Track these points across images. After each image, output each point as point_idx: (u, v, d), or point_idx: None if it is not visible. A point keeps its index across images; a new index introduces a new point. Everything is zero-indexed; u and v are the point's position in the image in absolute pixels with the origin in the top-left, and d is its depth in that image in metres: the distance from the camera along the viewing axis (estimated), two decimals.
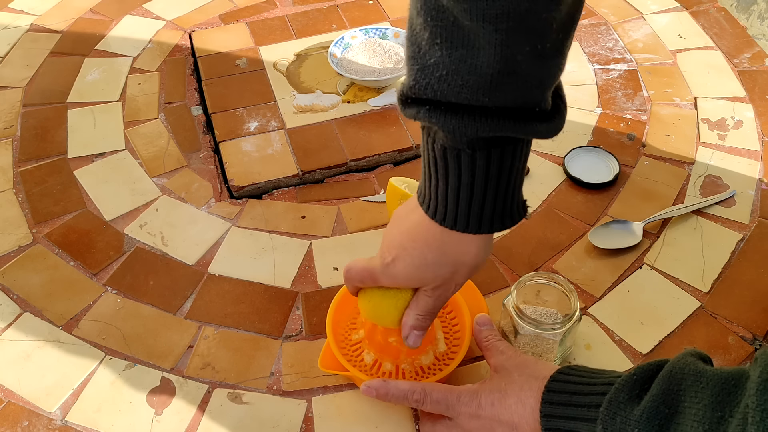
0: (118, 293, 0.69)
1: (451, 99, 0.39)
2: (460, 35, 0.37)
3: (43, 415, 0.59)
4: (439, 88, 0.39)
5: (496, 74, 0.38)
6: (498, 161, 0.42)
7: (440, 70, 0.38)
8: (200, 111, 0.91)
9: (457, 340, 0.61)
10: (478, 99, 0.39)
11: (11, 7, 1.09)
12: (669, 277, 0.69)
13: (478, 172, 0.42)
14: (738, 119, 0.86)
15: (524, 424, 0.47)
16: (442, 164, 0.43)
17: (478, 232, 0.45)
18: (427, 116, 0.40)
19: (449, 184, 0.43)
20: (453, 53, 0.37)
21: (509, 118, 0.40)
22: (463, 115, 0.39)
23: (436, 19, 0.37)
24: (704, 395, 0.38)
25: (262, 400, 0.60)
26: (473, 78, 0.38)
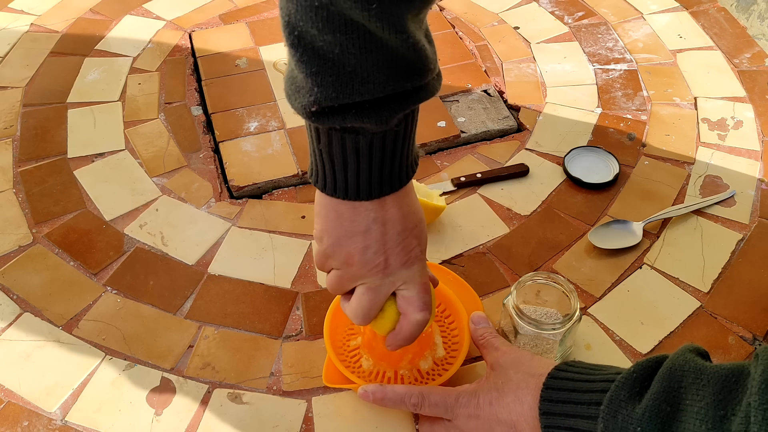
0: (118, 293, 0.69)
1: (378, 95, 0.41)
2: (373, 40, 0.39)
3: (43, 415, 0.59)
4: (364, 89, 0.41)
5: (413, 64, 0.42)
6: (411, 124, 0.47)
7: (360, 74, 0.40)
8: (200, 111, 0.91)
9: (456, 344, 0.61)
10: (401, 86, 0.42)
11: (11, 7, 1.09)
12: (669, 277, 0.69)
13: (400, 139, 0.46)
14: (738, 119, 0.86)
15: (523, 422, 0.47)
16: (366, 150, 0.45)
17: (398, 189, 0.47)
18: (358, 118, 0.42)
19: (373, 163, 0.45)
20: (368, 57, 0.40)
21: (421, 89, 0.43)
22: (390, 104, 0.42)
23: (347, 33, 0.39)
24: (706, 393, 0.38)
25: (262, 400, 0.60)
26: (394, 71, 0.41)
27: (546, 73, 0.95)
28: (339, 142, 0.44)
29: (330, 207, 0.47)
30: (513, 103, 0.91)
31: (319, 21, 0.38)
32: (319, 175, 0.47)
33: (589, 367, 0.47)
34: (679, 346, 0.43)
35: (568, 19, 1.05)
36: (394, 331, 0.51)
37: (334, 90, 0.41)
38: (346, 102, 0.41)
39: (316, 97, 0.41)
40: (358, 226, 0.47)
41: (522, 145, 0.84)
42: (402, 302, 0.50)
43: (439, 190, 0.77)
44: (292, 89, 0.43)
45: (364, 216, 0.46)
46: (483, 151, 0.84)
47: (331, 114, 0.42)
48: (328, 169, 0.46)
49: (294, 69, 0.42)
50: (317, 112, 0.42)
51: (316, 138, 0.45)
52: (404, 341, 0.51)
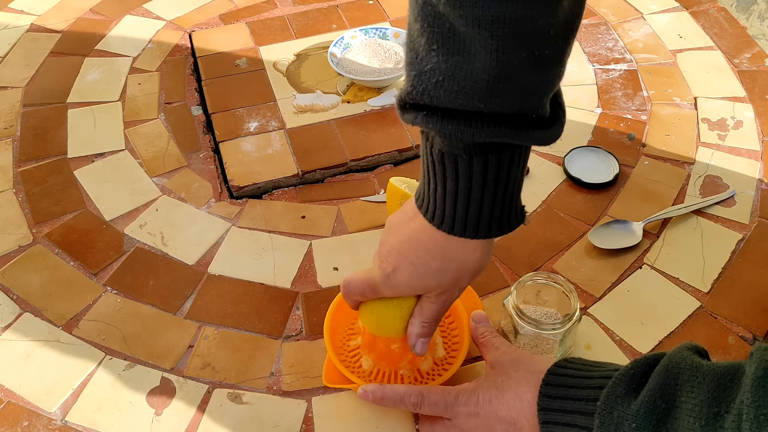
0: (118, 293, 0.69)
1: (448, 105, 0.39)
2: (456, 41, 0.37)
3: (43, 415, 0.59)
4: (435, 94, 0.39)
5: (492, 80, 0.38)
6: (495, 167, 0.42)
7: (436, 76, 0.38)
8: (200, 111, 0.91)
9: (456, 345, 0.61)
10: (474, 105, 0.39)
11: (11, 7, 1.09)
12: (669, 277, 0.69)
13: (475, 177, 0.42)
14: (738, 119, 0.86)
15: (522, 419, 0.47)
16: (440, 168, 0.43)
17: (476, 237, 0.45)
18: (425, 122, 0.40)
19: (447, 188, 0.43)
20: (449, 59, 0.38)
21: (506, 124, 0.40)
22: (460, 121, 0.40)
23: (433, 26, 0.37)
24: (700, 390, 0.38)
25: (262, 400, 0.60)
26: (469, 84, 0.38)
27: None
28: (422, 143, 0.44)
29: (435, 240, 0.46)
30: None
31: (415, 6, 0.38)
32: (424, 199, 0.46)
33: (589, 364, 0.47)
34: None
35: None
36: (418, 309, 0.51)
37: (412, 85, 0.40)
38: (417, 101, 0.40)
39: (402, 88, 0.41)
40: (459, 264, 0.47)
41: None
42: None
43: None
44: None
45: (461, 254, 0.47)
46: None
47: (409, 109, 0.41)
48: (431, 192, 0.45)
49: None
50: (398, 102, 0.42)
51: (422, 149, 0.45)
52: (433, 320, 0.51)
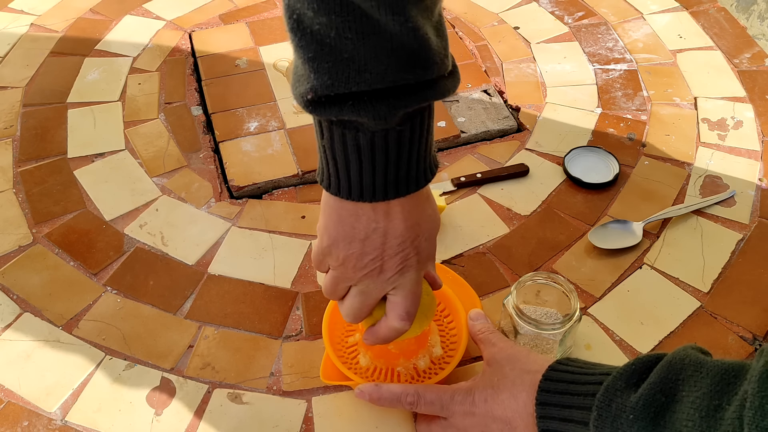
0: (118, 293, 0.69)
1: (377, 86, 0.39)
2: (371, 24, 0.37)
3: (43, 415, 0.59)
4: (360, 79, 0.39)
5: (414, 53, 0.39)
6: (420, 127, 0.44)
7: (357, 62, 0.38)
8: (200, 111, 0.91)
9: (454, 344, 0.61)
10: (402, 78, 0.40)
11: (11, 7, 1.09)
12: (669, 277, 0.69)
13: (404, 142, 0.43)
14: (738, 119, 0.86)
15: (517, 418, 0.48)
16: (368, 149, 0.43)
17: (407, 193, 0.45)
18: (353, 110, 0.40)
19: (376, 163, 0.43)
20: (367, 42, 0.38)
21: (427, 87, 0.41)
22: (389, 98, 0.40)
23: (342, 15, 0.37)
24: (703, 384, 0.38)
25: (262, 400, 0.60)
26: (394, 61, 0.39)
27: (546, 73, 0.95)
28: (340, 138, 0.43)
29: (333, 208, 0.46)
30: (513, 103, 0.91)
31: (314, 1, 0.37)
32: (324, 173, 0.45)
33: (589, 363, 0.47)
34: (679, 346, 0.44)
35: (568, 19, 1.05)
36: (373, 327, 0.51)
37: (330, 77, 0.39)
38: (342, 91, 0.39)
39: (312, 84, 0.39)
40: (358, 233, 0.46)
41: (522, 145, 0.84)
42: (388, 305, 0.50)
43: (439, 190, 0.77)
44: (295, 78, 0.41)
45: (365, 224, 0.45)
46: (483, 151, 0.84)
47: (328, 104, 0.40)
48: (332, 167, 0.44)
49: (294, 56, 0.40)
50: (314, 101, 0.40)
51: (319, 133, 0.44)
52: (378, 341, 0.51)
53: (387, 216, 0.45)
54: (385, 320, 0.50)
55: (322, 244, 0.48)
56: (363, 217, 0.45)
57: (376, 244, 0.46)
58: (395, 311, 0.49)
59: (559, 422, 0.45)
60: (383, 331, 0.50)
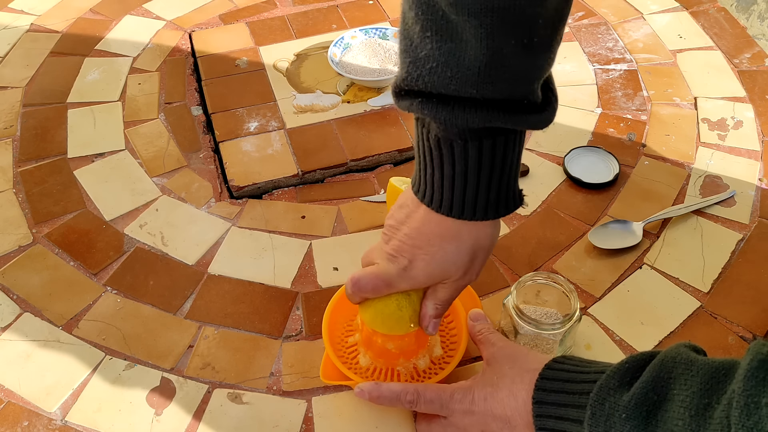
0: (118, 293, 0.69)
1: (441, 90, 0.40)
2: (449, 29, 0.38)
3: (43, 415, 0.59)
4: (429, 80, 0.40)
5: (483, 67, 0.39)
6: (490, 151, 0.43)
7: (430, 62, 0.39)
8: (200, 111, 0.91)
9: (454, 344, 0.61)
10: (467, 91, 0.40)
11: (11, 7, 1.09)
12: (669, 277, 0.69)
13: (471, 161, 0.43)
14: (738, 119, 0.86)
15: (517, 416, 0.48)
16: (437, 153, 0.44)
17: (473, 219, 0.46)
18: (420, 108, 0.41)
19: (444, 172, 0.44)
20: (442, 46, 0.39)
21: (498, 109, 0.41)
22: (454, 107, 0.41)
23: (426, 13, 0.38)
24: (693, 383, 0.39)
25: (262, 400, 0.60)
26: (461, 70, 0.39)
27: None
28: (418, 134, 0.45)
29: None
30: None
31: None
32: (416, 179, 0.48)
33: (587, 361, 0.47)
34: None
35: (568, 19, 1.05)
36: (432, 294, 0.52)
37: (407, 72, 0.41)
38: (414, 88, 0.41)
39: (397, 75, 0.42)
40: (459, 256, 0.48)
41: None
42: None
43: None
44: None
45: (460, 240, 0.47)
46: None
47: (404, 96, 0.42)
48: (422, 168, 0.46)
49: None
50: (395, 91, 0.43)
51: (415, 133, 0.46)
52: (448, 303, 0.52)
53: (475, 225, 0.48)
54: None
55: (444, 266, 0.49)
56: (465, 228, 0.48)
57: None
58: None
59: (555, 421, 0.45)
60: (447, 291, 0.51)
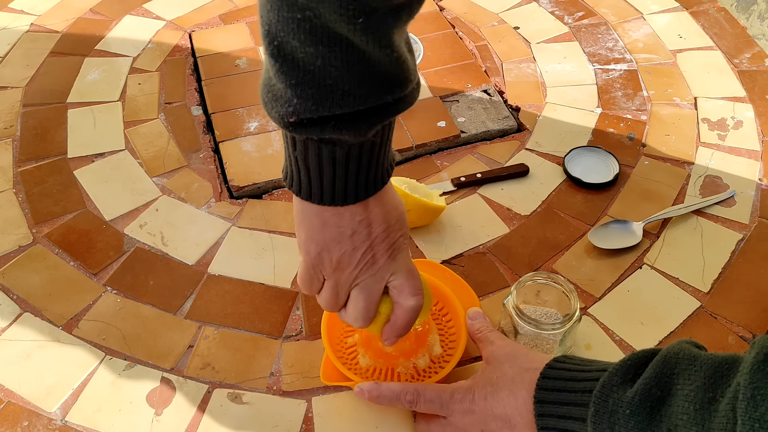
0: (118, 293, 0.69)
1: (359, 107, 0.41)
2: (356, 53, 0.39)
3: (43, 415, 0.59)
4: (344, 102, 0.40)
5: (394, 75, 0.41)
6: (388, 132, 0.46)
7: (341, 87, 0.40)
8: (200, 111, 0.91)
9: (453, 342, 0.61)
10: (383, 99, 0.42)
11: (11, 7, 1.09)
12: (669, 277, 0.69)
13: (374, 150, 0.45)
14: (738, 119, 0.86)
15: (517, 415, 0.48)
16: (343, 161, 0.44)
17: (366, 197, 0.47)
18: (334, 130, 0.42)
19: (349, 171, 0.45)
20: (351, 69, 0.39)
21: (401, 101, 0.43)
22: (369, 116, 0.42)
23: (329, 45, 0.38)
24: (697, 377, 0.39)
25: (262, 400, 0.60)
26: (376, 84, 0.41)
27: (546, 73, 0.95)
28: (315, 152, 0.44)
29: (313, 214, 0.47)
30: (513, 103, 0.91)
31: (301, 33, 0.38)
32: (294, 179, 0.46)
33: (587, 360, 0.47)
34: None
35: (568, 19, 1.05)
36: (390, 322, 0.51)
37: (314, 102, 0.40)
38: (326, 114, 0.41)
39: (295, 108, 0.41)
40: (345, 230, 0.47)
41: (522, 145, 0.84)
42: (393, 292, 0.50)
43: (439, 190, 0.77)
44: (269, 97, 0.42)
45: (349, 220, 0.46)
46: (483, 151, 0.84)
47: (310, 125, 0.41)
48: (304, 175, 0.45)
49: (272, 78, 0.41)
50: (295, 122, 0.41)
51: (291, 145, 0.45)
52: (401, 330, 0.51)
53: (366, 207, 0.47)
54: (398, 307, 0.50)
55: (310, 256, 0.48)
56: (345, 213, 0.46)
57: (363, 235, 0.47)
58: (404, 292, 0.50)
59: (557, 419, 0.45)
60: (402, 318, 0.50)
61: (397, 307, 0.51)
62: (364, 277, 0.48)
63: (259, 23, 0.40)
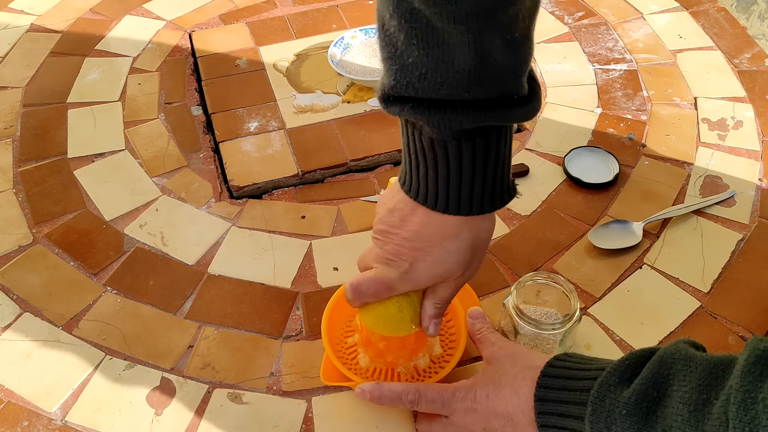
0: (118, 293, 0.69)
1: (432, 95, 0.41)
2: (435, 36, 0.38)
3: (43, 415, 0.59)
4: (420, 86, 0.40)
5: (472, 70, 0.40)
6: (483, 149, 0.44)
7: (419, 69, 0.40)
8: (200, 111, 0.91)
9: (453, 342, 0.61)
10: (458, 94, 0.41)
11: (11, 7, 1.09)
12: (669, 277, 0.69)
13: (465, 160, 0.44)
14: (738, 119, 0.86)
15: (519, 413, 0.48)
16: (431, 154, 0.44)
17: (470, 213, 0.46)
18: (412, 113, 0.42)
19: (439, 172, 0.45)
20: (430, 53, 0.39)
21: (490, 108, 0.42)
22: (446, 110, 0.41)
23: (410, 21, 0.38)
24: (692, 378, 0.39)
25: (262, 400, 0.60)
26: (451, 75, 0.40)
27: (546, 73, 0.95)
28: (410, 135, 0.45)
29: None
30: None
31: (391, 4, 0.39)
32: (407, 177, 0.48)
33: (588, 358, 0.47)
34: None
35: (568, 19, 1.05)
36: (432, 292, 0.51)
37: (395, 79, 0.41)
38: (403, 94, 0.41)
39: (383, 82, 0.42)
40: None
41: (522, 145, 0.84)
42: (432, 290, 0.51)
43: None
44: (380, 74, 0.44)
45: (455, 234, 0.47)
46: None
47: (393, 102, 0.43)
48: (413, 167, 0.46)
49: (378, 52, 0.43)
50: (383, 98, 0.43)
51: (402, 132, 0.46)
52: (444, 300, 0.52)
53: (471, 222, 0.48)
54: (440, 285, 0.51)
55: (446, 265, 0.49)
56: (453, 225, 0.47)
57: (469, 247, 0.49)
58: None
59: (557, 417, 0.45)
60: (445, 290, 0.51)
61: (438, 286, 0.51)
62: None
63: None
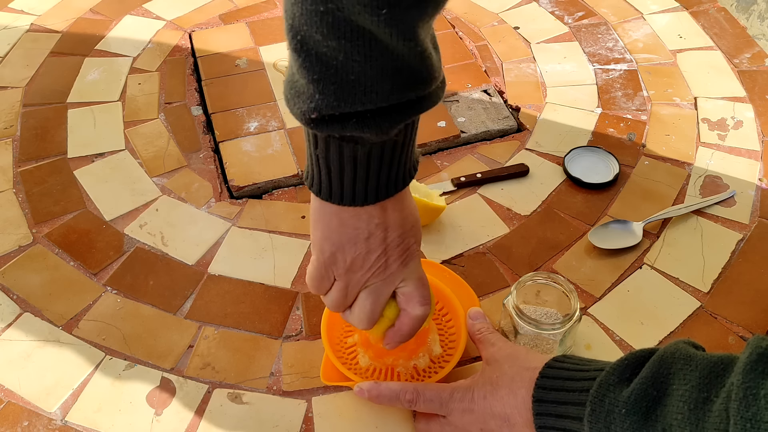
0: (118, 293, 0.69)
1: (382, 104, 0.40)
2: (380, 48, 0.38)
3: (43, 415, 0.59)
4: (367, 98, 0.40)
5: (417, 71, 0.41)
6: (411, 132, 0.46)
7: (364, 82, 0.39)
8: (200, 111, 0.91)
9: (453, 342, 0.61)
10: (406, 95, 0.41)
11: (11, 7, 1.09)
12: (669, 277, 0.69)
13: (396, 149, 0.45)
14: (738, 119, 0.86)
15: (516, 414, 0.48)
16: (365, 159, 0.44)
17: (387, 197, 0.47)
18: (358, 127, 0.41)
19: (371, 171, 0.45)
20: (373, 65, 0.39)
21: (426, 99, 0.42)
22: (391, 114, 0.41)
23: (353, 40, 0.37)
24: (692, 377, 0.39)
25: (262, 400, 0.60)
26: (398, 79, 0.40)
27: (546, 73, 0.95)
28: (336, 150, 0.43)
29: (332, 214, 0.47)
30: (513, 103, 0.91)
31: (324, 26, 0.37)
32: (314, 179, 0.46)
33: (586, 360, 0.47)
34: None
35: (568, 19, 1.05)
36: (394, 328, 0.51)
37: (336, 98, 0.40)
38: (348, 111, 0.40)
39: (317, 104, 0.40)
40: (361, 233, 0.46)
41: (522, 145, 0.84)
42: (401, 299, 0.50)
43: (439, 190, 0.77)
44: (292, 93, 0.41)
45: (366, 221, 0.46)
46: (483, 151, 0.84)
47: (331, 122, 0.41)
48: (324, 175, 0.45)
49: (295, 73, 0.41)
50: (317, 119, 0.41)
51: (313, 143, 0.44)
52: (404, 337, 0.51)
53: (384, 211, 0.47)
54: (404, 314, 0.50)
55: (324, 256, 0.48)
56: (363, 215, 0.46)
57: (378, 240, 0.47)
58: (413, 300, 0.50)
59: (555, 419, 0.45)
60: (407, 326, 0.51)
61: (403, 315, 0.51)
62: (375, 280, 0.48)
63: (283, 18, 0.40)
